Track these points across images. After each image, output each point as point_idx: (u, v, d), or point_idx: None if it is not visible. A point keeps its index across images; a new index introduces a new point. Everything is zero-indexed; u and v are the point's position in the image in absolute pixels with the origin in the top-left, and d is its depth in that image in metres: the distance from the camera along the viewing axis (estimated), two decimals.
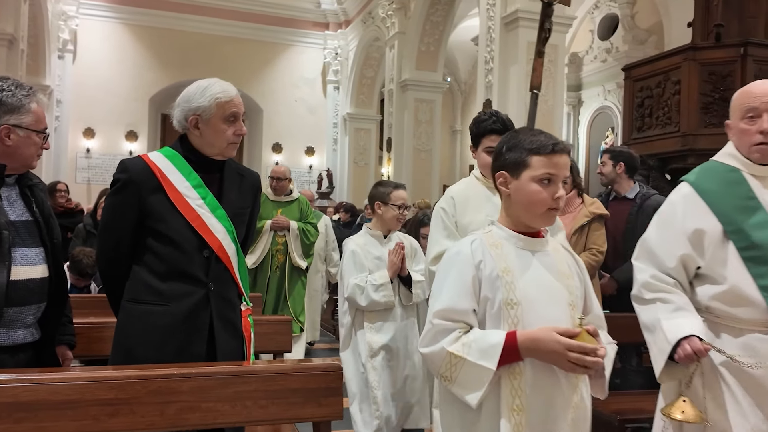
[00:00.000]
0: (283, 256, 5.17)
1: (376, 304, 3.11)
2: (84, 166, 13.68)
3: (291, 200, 5.30)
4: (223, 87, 2.05)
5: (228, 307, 2.06)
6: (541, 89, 8.69)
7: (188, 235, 1.99)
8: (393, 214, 3.25)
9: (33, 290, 1.88)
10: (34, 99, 1.89)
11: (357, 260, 3.21)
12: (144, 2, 13.92)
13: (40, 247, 1.92)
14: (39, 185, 2.04)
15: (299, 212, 5.29)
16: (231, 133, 2.03)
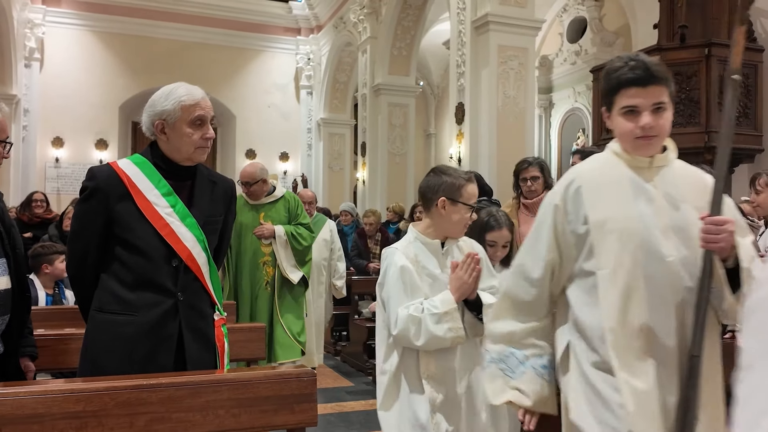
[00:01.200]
0: (272, 269, 4.36)
1: (438, 341, 2.09)
2: (53, 175, 13.43)
3: (274, 200, 4.47)
4: (188, 90, 2.02)
5: (198, 317, 2.03)
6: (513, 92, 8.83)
7: (156, 244, 1.96)
8: (463, 217, 2.24)
9: None
10: None
11: (409, 280, 2.16)
12: (112, 9, 13.74)
13: (2, 258, 1.88)
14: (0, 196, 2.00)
15: (286, 213, 4.48)
16: (198, 137, 1.99)
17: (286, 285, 4.40)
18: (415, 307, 2.13)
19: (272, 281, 4.34)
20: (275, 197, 4.49)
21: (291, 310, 4.41)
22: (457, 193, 2.23)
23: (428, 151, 17.85)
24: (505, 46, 8.60)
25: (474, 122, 8.70)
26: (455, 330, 2.10)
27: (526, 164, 3.64)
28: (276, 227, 4.35)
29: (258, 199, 4.42)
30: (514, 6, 8.62)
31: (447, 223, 2.24)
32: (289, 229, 4.39)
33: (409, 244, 2.27)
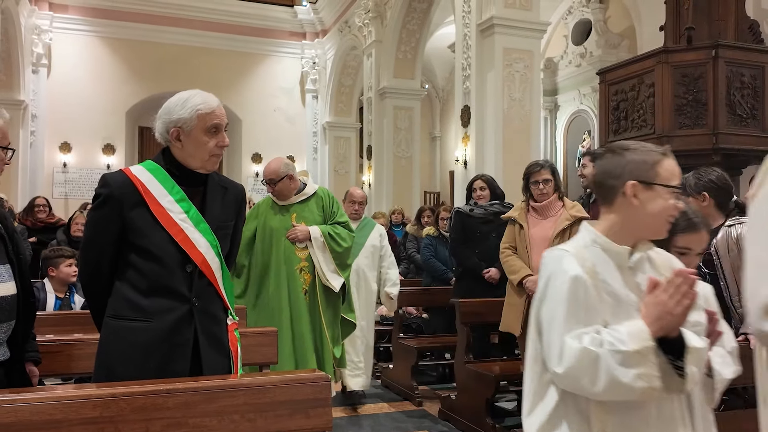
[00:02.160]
0: (310, 275, 3.83)
1: (621, 390, 1.43)
2: (61, 180, 13.50)
3: (305, 198, 3.92)
4: (204, 98, 2.02)
5: (213, 323, 2.04)
6: (518, 94, 8.83)
7: (171, 250, 1.96)
8: (666, 206, 1.57)
9: (3, 308, 1.85)
10: None
11: (584, 298, 1.51)
12: (119, 15, 13.82)
13: (6, 264, 1.89)
14: (0, 201, 2.01)
15: (320, 212, 3.92)
16: (213, 145, 2.00)
17: (327, 292, 3.87)
18: (591, 337, 1.45)
19: (311, 289, 3.82)
20: (306, 195, 3.92)
21: (334, 324, 3.93)
22: (652, 173, 1.56)
23: (433, 154, 17.86)
24: (510, 49, 8.60)
25: (480, 125, 8.70)
26: (648, 378, 1.41)
27: (537, 167, 3.64)
28: (311, 228, 3.80)
29: (287, 199, 3.87)
30: (519, 9, 8.62)
31: (642, 219, 1.57)
32: (325, 229, 3.83)
33: (584, 248, 1.59)
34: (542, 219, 3.60)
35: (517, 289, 3.52)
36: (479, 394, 3.89)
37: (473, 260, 4.37)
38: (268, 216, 3.87)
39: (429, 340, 5.24)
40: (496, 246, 3.77)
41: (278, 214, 3.88)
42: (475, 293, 4.29)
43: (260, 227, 3.89)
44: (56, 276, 3.98)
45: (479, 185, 4.49)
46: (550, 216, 3.59)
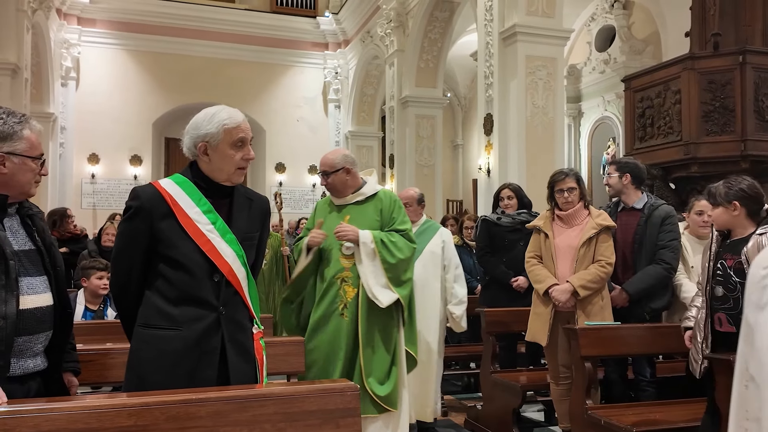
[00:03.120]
0: (353, 289, 3.18)
1: None
2: (89, 191, 13.76)
3: (363, 199, 3.34)
4: (230, 113, 2.08)
5: (239, 331, 2.07)
6: (542, 102, 8.79)
7: (199, 259, 2.01)
8: None
9: (40, 319, 1.89)
10: (27, 126, 1.91)
11: None
12: (145, 28, 14.09)
13: (43, 276, 1.94)
14: (38, 214, 2.06)
15: (378, 216, 3.30)
16: (239, 158, 2.06)
17: (373, 312, 3.15)
18: None
19: (352, 306, 3.15)
20: (363, 195, 3.32)
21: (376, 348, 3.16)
22: None
23: (456, 162, 17.85)
24: (533, 57, 8.58)
25: (503, 133, 8.67)
26: None
27: (562, 175, 3.62)
28: (361, 232, 3.17)
29: (342, 196, 3.33)
30: (541, 16, 8.60)
31: None
32: (378, 235, 3.19)
33: None
34: (568, 228, 3.58)
35: (542, 299, 3.50)
36: (505, 404, 3.86)
37: (501, 269, 4.35)
38: (330, 213, 3.36)
39: (454, 350, 5.22)
40: (523, 255, 3.75)
41: (333, 213, 3.35)
42: (500, 302, 4.26)
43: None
44: (87, 286, 4.04)
45: (506, 194, 4.47)
46: (575, 225, 3.56)
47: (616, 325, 3.28)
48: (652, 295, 3.54)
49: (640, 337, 3.19)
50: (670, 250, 3.50)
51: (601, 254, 3.43)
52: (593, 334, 3.11)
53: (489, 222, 4.45)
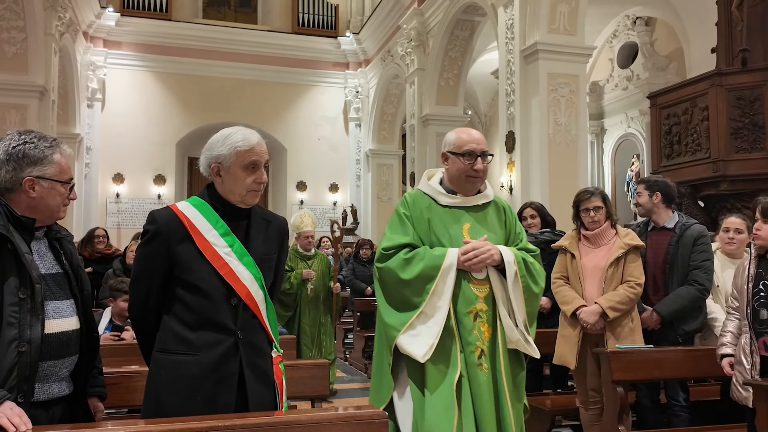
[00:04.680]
0: (488, 327, 2.34)
1: None
2: (114, 210, 13.93)
3: (485, 203, 2.52)
4: (245, 135, 2.05)
5: (258, 355, 2.03)
6: (564, 119, 8.73)
7: (216, 283, 1.98)
8: None
9: (66, 343, 1.88)
10: (57, 150, 1.91)
11: None
12: (169, 50, 14.33)
13: (70, 299, 1.93)
14: (67, 237, 2.05)
15: (502, 227, 2.51)
16: (250, 181, 2.03)
17: (512, 361, 2.38)
18: None
19: (490, 351, 2.32)
20: (487, 198, 2.52)
21: (516, 407, 2.36)
22: None
23: None
24: (555, 74, 8.54)
25: (525, 150, 8.62)
26: None
27: (587, 194, 3.55)
28: (501, 248, 2.37)
29: (469, 194, 2.47)
30: (563, 34, 8.57)
31: None
32: (520, 255, 2.41)
33: None
34: (594, 248, 3.50)
35: (570, 321, 3.41)
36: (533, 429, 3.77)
37: None
38: (434, 221, 2.44)
39: None
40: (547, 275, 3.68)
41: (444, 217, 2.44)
42: None
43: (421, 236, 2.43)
44: (113, 307, 4.07)
45: (529, 213, 4.40)
46: (602, 244, 3.48)
47: (649, 348, 3.19)
48: (685, 317, 3.44)
49: (675, 360, 3.08)
50: (703, 270, 3.41)
51: (630, 275, 3.35)
52: (625, 357, 3.02)
53: None
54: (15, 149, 1.83)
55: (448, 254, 2.34)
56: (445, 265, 2.32)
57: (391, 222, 2.51)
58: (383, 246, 2.42)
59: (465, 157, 2.43)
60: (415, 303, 2.33)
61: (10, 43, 10.08)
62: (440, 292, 2.31)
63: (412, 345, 2.29)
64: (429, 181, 2.57)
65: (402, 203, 2.53)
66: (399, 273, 2.35)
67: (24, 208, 1.85)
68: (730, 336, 2.76)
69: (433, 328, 2.29)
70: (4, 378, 1.70)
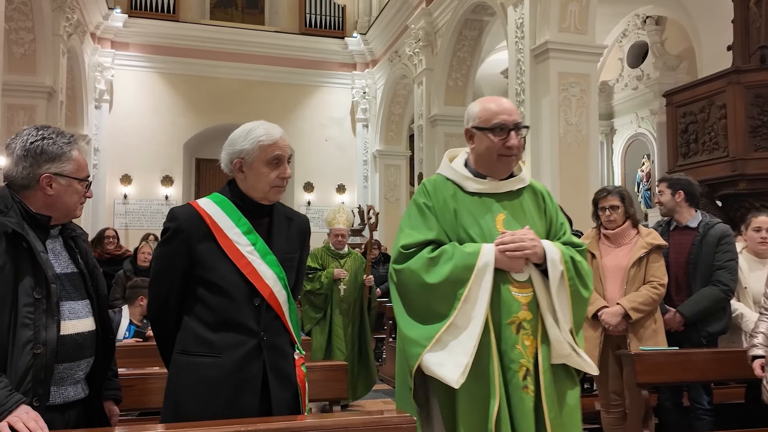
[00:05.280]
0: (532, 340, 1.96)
1: None
2: (121, 212, 13.92)
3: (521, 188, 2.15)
4: (267, 129, 2.01)
5: (280, 357, 1.97)
6: (575, 119, 8.65)
7: (238, 282, 1.92)
8: None
9: (82, 345, 1.82)
10: (75, 146, 1.85)
11: None
12: (177, 51, 14.31)
13: (85, 300, 1.87)
14: (82, 236, 2.00)
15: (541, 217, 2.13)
16: (274, 177, 1.98)
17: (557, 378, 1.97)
18: None
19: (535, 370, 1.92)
20: (523, 182, 2.12)
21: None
22: None
23: None
24: (565, 73, 8.47)
25: (535, 150, 8.55)
26: None
27: (604, 193, 3.49)
28: (545, 243, 2.01)
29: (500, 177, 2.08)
30: (573, 33, 8.50)
31: None
32: (567, 252, 2.04)
33: None
34: (615, 247, 3.43)
35: (591, 322, 3.34)
36: None
37: None
38: (461, 212, 2.03)
39: None
40: None
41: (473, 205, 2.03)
42: None
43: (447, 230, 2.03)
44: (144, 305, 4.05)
45: None
46: (623, 244, 3.42)
47: (675, 350, 3.12)
48: (709, 319, 3.37)
49: (700, 362, 3.01)
50: (727, 271, 3.33)
51: (653, 275, 3.28)
52: (650, 359, 2.95)
53: None
54: (33, 145, 1.78)
55: (482, 251, 1.91)
56: (480, 264, 1.88)
57: (408, 215, 2.10)
58: (402, 243, 2.01)
59: (495, 132, 2.02)
60: (444, 312, 1.90)
61: (19, 44, 10.07)
62: (474, 298, 1.88)
63: (442, 366, 1.84)
64: (452, 163, 2.14)
65: (421, 192, 2.10)
66: (423, 276, 1.93)
67: (40, 205, 1.79)
68: (762, 337, 2.68)
69: (466, 343, 1.84)
70: (19, 381, 1.65)
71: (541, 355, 1.92)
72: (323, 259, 4.97)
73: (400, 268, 1.99)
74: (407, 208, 2.14)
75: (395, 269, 2.02)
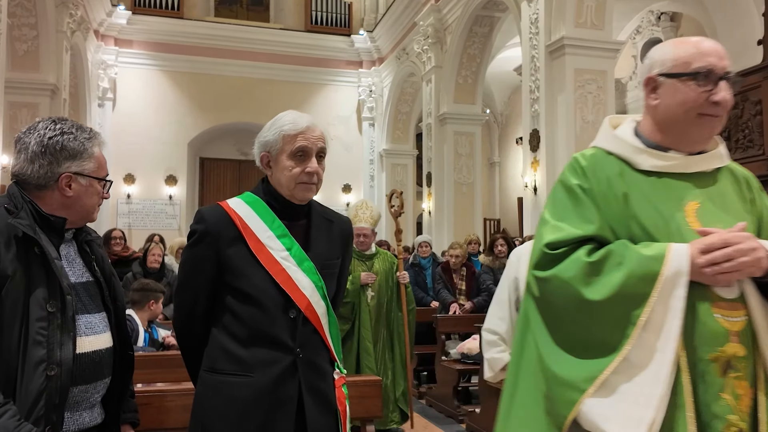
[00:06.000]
0: (749, 387, 1.26)
1: None
2: (125, 211, 13.72)
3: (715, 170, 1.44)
4: (294, 118, 1.79)
5: (319, 377, 1.76)
6: (592, 117, 8.43)
7: (272, 292, 1.71)
8: None
9: (100, 363, 1.61)
10: (96, 142, 1.64)
11: None
12: (181, 49, 14.12)
13: (102, 312, 1.66)
14: (97, 240, 1.78)
15: (749, 209, 1.43)
16: (298, 172, 1.76)
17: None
18: None
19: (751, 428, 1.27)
20: (721, 160, 1.48)
21: None
22: None
23: (492, 181, 17.48)
24: (582, 70, 8.28)
25: (550, 149, 8.35)
26: None
27: None
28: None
29: (693, 149, 1.43)
30: (590, 28, 8.30)
31: None
32: None
33: None
34: None
35: None
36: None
37: None
38: (634, 197, 1.38)
39: None
40: None
41: (657, 191, 1.39)
42: None
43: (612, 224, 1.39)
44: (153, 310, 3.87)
45: None
46: None
47: None
48: None
49: None
50: None
51: None
52: None
53: None
54: (51, 140, 1.56)
55: (671, 254, 1.28)
56: (668, 274, 1.27)
57: (554, 201, 1.45)
58: (547, 241, 1.38)
59: (698, 80, 1.36)
60: (613, 343, 1.29)
61: (22, 41, 9.88)
62: (659, 324, 1.27)
63: (612, 422, 1.24)
64: (616, 131, 1.50)
65: (571, 170, 1.45)
66: (580, 289, 1.32)
67: (56, 207, 1.58)
68: None
69: (649, 389, 1.25)
70: (31, 407, 1.44)
71: (763, 410, 1.27)
72: None
73: (544, 276, 1.38)
74: (551, 192, 1.49)
75: (537, 277, 1.39)
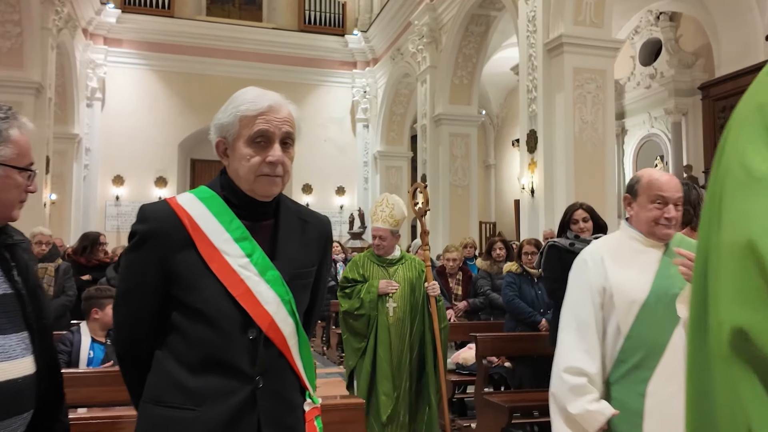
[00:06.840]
0: None
1: None
2: (113, 213, 13.43)
3: None
4: (254, 96, 1.49)
5: (284, 409, 1.46)
6: (590, 117, 8.20)
7: (227, 308, 1.40)
8: None
9: (16, 396, 1.34)
10: (14, 124, 1.36)
11: None
12: (171, 48, 13.85)
13: (23, 332, 1.37)
14: (22, 244, 1.48)
15: None
16: (257, 162, 1.42)
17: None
18: None
19: None
20: None
21: None
22: None
23: (488, 183, 17.24)
24: (581, 69, 8.05)
25: (548, 150, 8.11)
26: None
27: None
28: None
29: None
30: (589, 26, 8.08)
31: None
32: None
33: None
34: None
35: None
36: None
37: None
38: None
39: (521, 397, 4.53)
40: None
41: None
42: None
43: None
44: (100, 318, 3.52)
45: (581, 216, 3.84)
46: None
47: None
48: None
49: None
50: None
51: None
52: None
53: (560, 248, 3.83)
54: None
55: None
56: None
57: None
58: None
59: None
60: None
61: (5, 38, 9.61)
62: None
63: None
64: None
65: None
66: None
67: None
68: None
69: None
70: None
71: None
72: (366, 267, 3.50)
73: None
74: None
75: None
